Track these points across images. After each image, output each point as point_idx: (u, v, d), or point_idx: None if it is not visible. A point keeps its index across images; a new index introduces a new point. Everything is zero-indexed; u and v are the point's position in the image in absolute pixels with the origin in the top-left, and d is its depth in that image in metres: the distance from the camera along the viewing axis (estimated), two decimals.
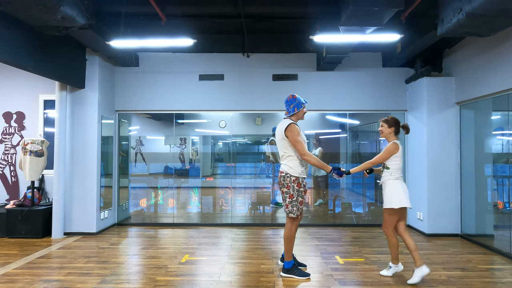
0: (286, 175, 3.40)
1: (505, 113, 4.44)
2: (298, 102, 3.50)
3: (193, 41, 4.32)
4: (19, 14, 3.51)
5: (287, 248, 3.47)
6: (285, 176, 3.40)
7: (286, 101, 3.56)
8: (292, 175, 3.38)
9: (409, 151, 5.74)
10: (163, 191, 6.60)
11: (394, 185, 3.39)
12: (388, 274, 3.51)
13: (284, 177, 3.41)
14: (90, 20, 3.93)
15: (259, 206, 6.45)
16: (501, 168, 4.64)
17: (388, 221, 3.42)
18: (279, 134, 3.48)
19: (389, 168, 3.46)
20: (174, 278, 3.44)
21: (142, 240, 4.93)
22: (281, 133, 3.44)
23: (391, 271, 3.51)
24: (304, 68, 5.86)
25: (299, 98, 3.52)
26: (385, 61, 5.80)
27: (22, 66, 3.94)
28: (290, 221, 3.45)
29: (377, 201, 6.69)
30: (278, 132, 3.50)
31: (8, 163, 5.74)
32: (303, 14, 4.81)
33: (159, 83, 5.88)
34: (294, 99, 3.51)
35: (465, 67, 4.92)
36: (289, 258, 3.47)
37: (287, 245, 3.46)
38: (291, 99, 3.52)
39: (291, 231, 3.45)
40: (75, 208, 5.20)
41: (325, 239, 4.98)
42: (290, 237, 3.44)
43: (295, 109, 3.49)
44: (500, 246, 4.34)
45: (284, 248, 3.50)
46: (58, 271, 3.65)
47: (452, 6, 3.52)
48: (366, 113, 6.03)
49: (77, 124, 5.24)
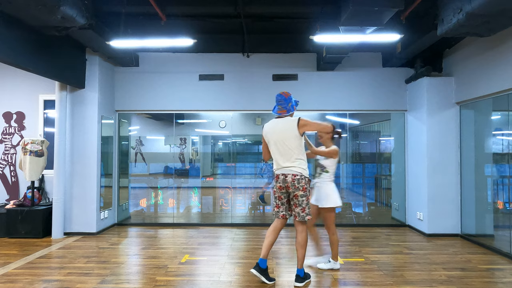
0: (301, 178, 3.18)
1: (505, 113, 4.44)
2: (294, 100, 3.37)
3: (193, 41, 4.32)
4: (19, 14, 3.51)
5: (303, 254, 3.27)
6: (300, 179, 3.18)
7: (284, 98, 3.27)
8: (306, 176, 3.22)
9: (409, 151, 5.74)
10: (163, 191, 6.60)
11: (331, 186, 3.69)
12: (325, 267, 3.71)
13: (299, 180, 3.17)
14: (90, 20, 3.93)
15: (259, 206, 6.45)
16: (501, 168, 4.64)
17: (330, 218, 3.69)
18: (288, 133, 3.20)
19: (328, 172, 3.70)
20: (174, 278, 3.44)
21: (142, 240, 4.93)
22: (292, 130, 3.19)
23: (329, 265, 3.72)
24: (304, 68, 5.86)
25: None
26: (385, 61, 5.80)
27: (22, 66, 3.94)
28: (305, 225, 3.28)
29: (377, 201, 6.69)
30: (285, 131, 3.21)
31: (8, 163, 5.74)
32: (303, 14, 4.81)
33: (159, 83, 5.88)
34: (290, 97, 3.30)
35: (465, 67, 4.92)
36: (302, 265, 3.29)
37: (304, 251, 3.26)
38: (289, 97, 3.29)
39: (307, 235, 3.30)
40: (75, 208, 5.20)
41: (325, 239, 4.97)
42: (306, 242, 3.27)
43: (294, 107, 3.33)
44: (500, 246, 4.34)
45: (300, 255, 3.26)
46: (58, 271, 3.65)
47: (452, 6, 3.53)
48: (366, 113, 6.03)
49: (77, 124, 5.24)
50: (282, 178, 3.24)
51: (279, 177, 3.27)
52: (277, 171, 3.30)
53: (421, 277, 3.47)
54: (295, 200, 3.24)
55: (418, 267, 3.77)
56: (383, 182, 6.61)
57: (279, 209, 3.34)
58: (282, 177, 3.24)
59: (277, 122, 3.31)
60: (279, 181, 3.27)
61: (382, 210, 6.49)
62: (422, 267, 3.76)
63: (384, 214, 6.34)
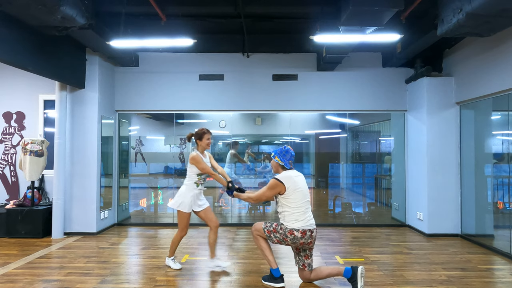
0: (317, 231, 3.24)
1: (505, 113, 4.44)
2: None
3: (193, 41, 4.31)
4: (19, 14, 3.51)
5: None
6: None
7: (294, 154, 3.26)
8: None
9: (409, 151, 5.74)
10: (163, 191, 6.59)
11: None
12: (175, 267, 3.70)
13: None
14: (90, 20, 3.93)
15: (259, 206, 6.45)
16: (501, 168, 4.63)
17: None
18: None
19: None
20: (174, 278, 3.44)
21: (142, 240, 4.93)
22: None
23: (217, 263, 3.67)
24: (304, 68, 5.86)
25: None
26: (385, 61, 5.80)
27: (22, 66, 3.93)
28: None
29: (377, 201, 6.69)
30: (305, 182, 3.22)
31: (8, 163, 5.74)
32: (303, 14, 4.81)
33: (159, 83, 5.88)
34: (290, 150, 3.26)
35: (465, 67, 4.92)
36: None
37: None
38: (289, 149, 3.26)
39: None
40: (75, 208, 5.20)
41: (325, 239, 4.98)
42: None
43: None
44: (500, 246, 4.34)
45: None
46: (58, 271, 3.65)
47: (452, 6, 3.52)
48: (366, 113, 6.03)
49: (77, 124, 5.24)
50: (309, 235, 3.04)
51: (306, 233, 3.03)
52: (304, 226, 3.03)
53: (421, 277, 3.47)
54: (309, 252, 3.18)
55: (418, 267, 3.77)
56: (383, 182, 6.62)
57: (276, 243, 3.21)
58: (309, 233, 3.04)
59: (293, 171, 3.21)
60: (305, 238, 3.03)
61: (382, 210, 6.49)
62: (422, 267, 3.76)
63: (384, 214, 6.34)
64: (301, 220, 3.04)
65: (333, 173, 6.61)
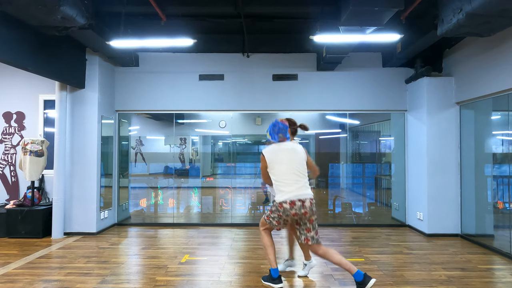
0: (312, 201, 3.05)
1: (505, 113, 4.44)
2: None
3: (193, 41, 4.32)
4: (19, 14, 3.50)
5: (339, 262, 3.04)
6: (314, 203, 3.07)
7: (286, 128, 3.20)
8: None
9: (409, 151, 5.74)
10: (163, 191, 6.60)
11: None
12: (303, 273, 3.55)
13: (314, 204, 3.06)
14: (90, 20, 3.93)
15: (259, 206, 6.45)
16: (500, 168, 4.63)
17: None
18: (300, 154, 3.11)
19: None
20: (174, 278, 3.44)
21: (142, 240, 4.93)
22: (302, 153, 3.12)
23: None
24: (304, 68, 5.86)
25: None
26: (385, 61, 5.80)
27: (22, 66, 3.94)
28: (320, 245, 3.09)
29: (377, 201, 6.69)
30: (296, 152, 3.11)
31: (8, 163, 5.74)
32: (303, 14, 4.81)
33: (159, 83, 5.88)
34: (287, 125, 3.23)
35: (465, 67, 4.92)
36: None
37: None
38: (287, 126, 3.23)
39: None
40: (75, 208, 5.20)
41: (325, 239, 4.97)
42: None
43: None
44: (500, 246, 4.34)
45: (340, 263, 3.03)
46: (58, 271, 3.65)
47: (452, 6, 3.52)
48: (366, 113, 6.03)
49: (77, 124, 5.24)
50: (299, 205, 2.96)
51: (295, 203, 2.96)
52: (291, 197, 2.97)
53: (421, 277, 3.47)
54: (310, 224, 3.03)
55: (418, 267, 3.77)
56: (383, 182, 6.62)
57: (278, 225, 3.14)
58: (299, 203, 2.96)
59: (282, 144, 3.16)
60: (295, 208, 2.96)
61: (382, 210, 6.49)
62: (422, 267, 3.76)
63: (384, 214, 6.34)
64: (288, 192, 2.98)
65: (333, 173, 6.61)
